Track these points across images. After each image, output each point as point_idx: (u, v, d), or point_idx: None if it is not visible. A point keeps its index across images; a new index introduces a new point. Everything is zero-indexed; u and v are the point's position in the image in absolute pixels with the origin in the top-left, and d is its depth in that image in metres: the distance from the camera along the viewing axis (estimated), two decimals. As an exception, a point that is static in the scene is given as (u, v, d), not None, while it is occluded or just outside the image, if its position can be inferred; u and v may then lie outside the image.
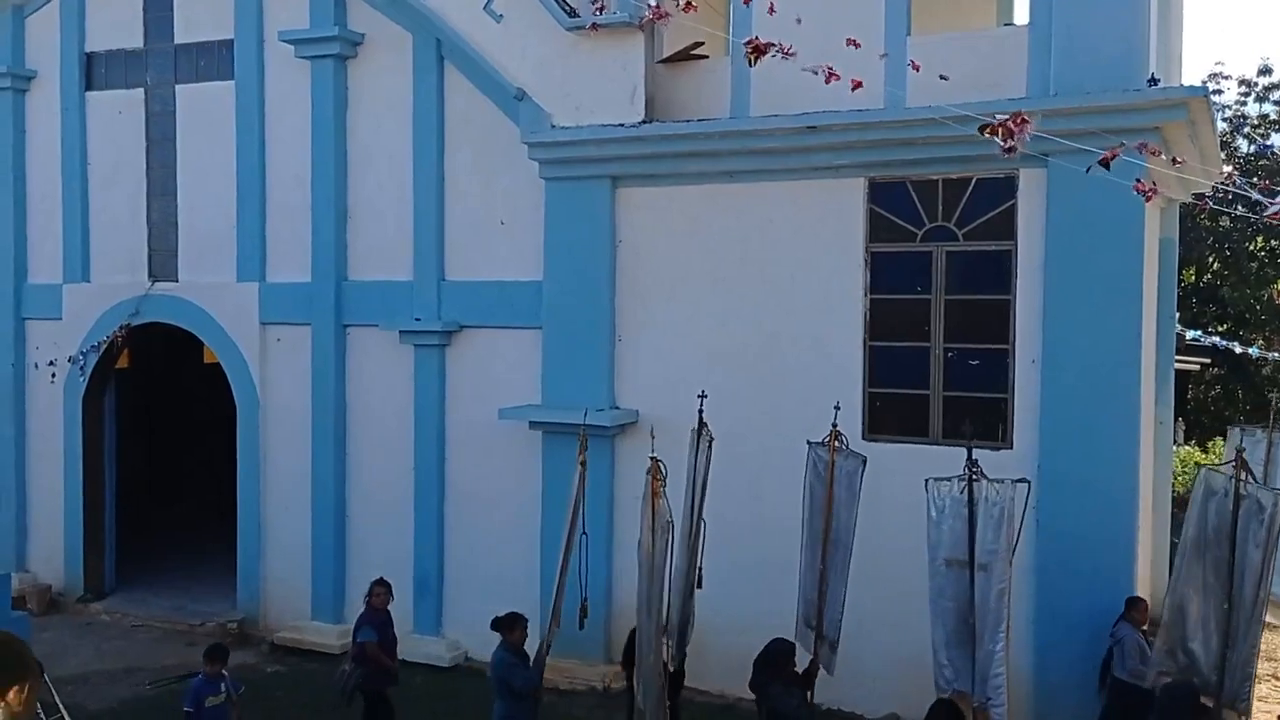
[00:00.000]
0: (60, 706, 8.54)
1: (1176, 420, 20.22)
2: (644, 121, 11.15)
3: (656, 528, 7.80)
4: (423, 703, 11.19)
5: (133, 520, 16.13)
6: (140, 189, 14.36)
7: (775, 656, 8.27)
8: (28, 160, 15.02)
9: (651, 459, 7.85)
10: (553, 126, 11.50)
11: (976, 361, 10.45)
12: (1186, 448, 23.79)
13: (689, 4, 7.26)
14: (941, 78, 8.57)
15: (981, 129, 5.56)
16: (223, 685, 8.75)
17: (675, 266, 11.43)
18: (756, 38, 5.99)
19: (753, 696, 8.91)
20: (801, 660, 8.79)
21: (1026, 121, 5.37)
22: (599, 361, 11.69)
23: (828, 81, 6.29)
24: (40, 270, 15.00)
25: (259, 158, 13.50)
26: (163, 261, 14.29)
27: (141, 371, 15.92)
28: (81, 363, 14.54)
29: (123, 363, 15.00)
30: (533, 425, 11.92)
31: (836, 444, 8.89)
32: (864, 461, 8.83)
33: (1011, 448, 10.23)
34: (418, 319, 12.60)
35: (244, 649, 13.05)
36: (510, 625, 8.76)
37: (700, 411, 9.28)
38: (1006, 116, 5.44)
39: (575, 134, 11.33)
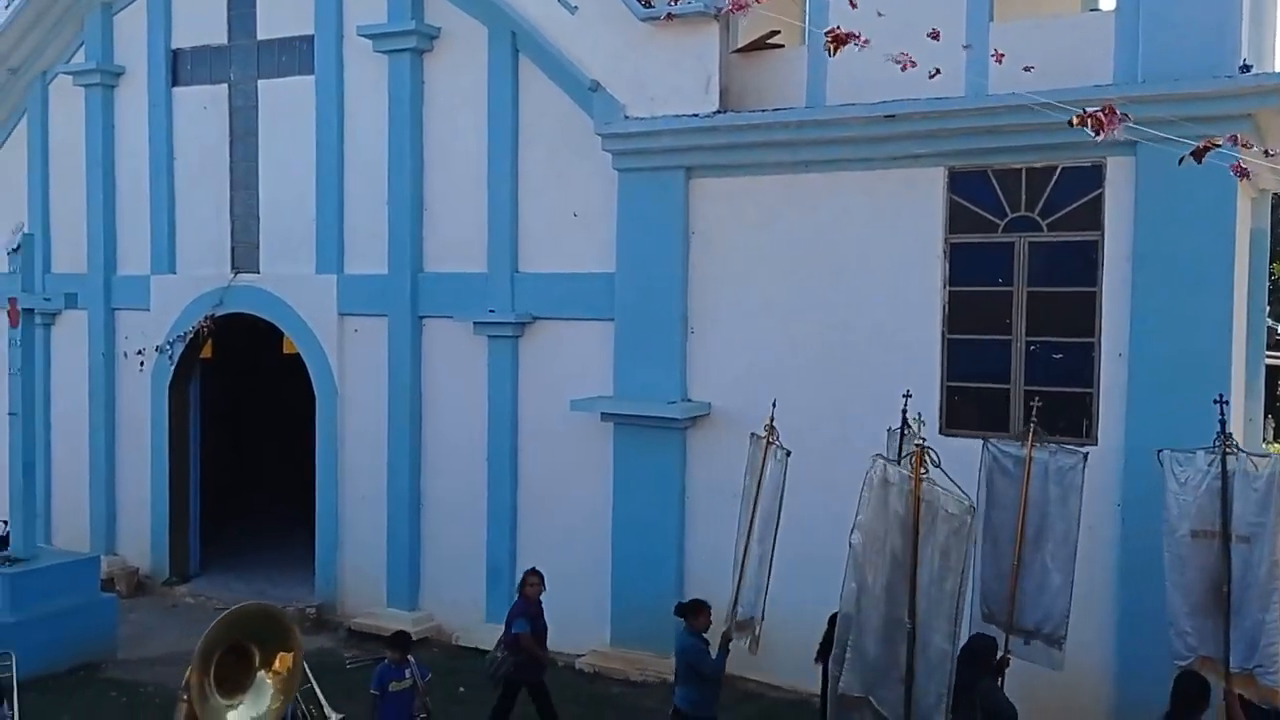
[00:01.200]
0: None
1: (1266, 417, 19.58)
2: (718, 112, 11.07)
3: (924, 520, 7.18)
4: (491, 690, 11.27)
5: (216, 506, 16.54)
6: (224, 182, 14.68)
7: (981, 653, 8.07)
8: (116, 155, 15.46)
9: (918, 446, 7.32)
10: (626, 118, 11.48)
11: (1060, 355, 10.20)
12: (1277, 444, 23.05)
13: (766, -8, 7.17)
14: (1026, 69, 8.37)
15: (1071, 121, 5.39)
16: (407, 671, 8.76)
17: (749, 258, 11.34)
18: (838, 27, 5.88)
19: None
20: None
21: (1118, 114, 5.18)
22: (671, 353, 11.65)
23: (904, 70, 6.15)
24: (129, 262, 15.43)
25: (337, 151, 13.71)
26: (245, 253, 14.60)
27: (224, 361, 16.28)
28: (169, 352, 14.93)
29: (206, 353, 15.36)
30: (604, 417, 11.94)
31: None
32: (1084, 458, 8.63)
33: (1096, 444, 9.97)
34: (491, 311, 12.69)
35: (321, 634, 13.33)
36: (696, 611, 8.71)
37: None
38: (1099, 107, 5.27)
39: (649, 125, 11.30)
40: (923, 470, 7.14)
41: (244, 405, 19.48)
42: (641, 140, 11.46)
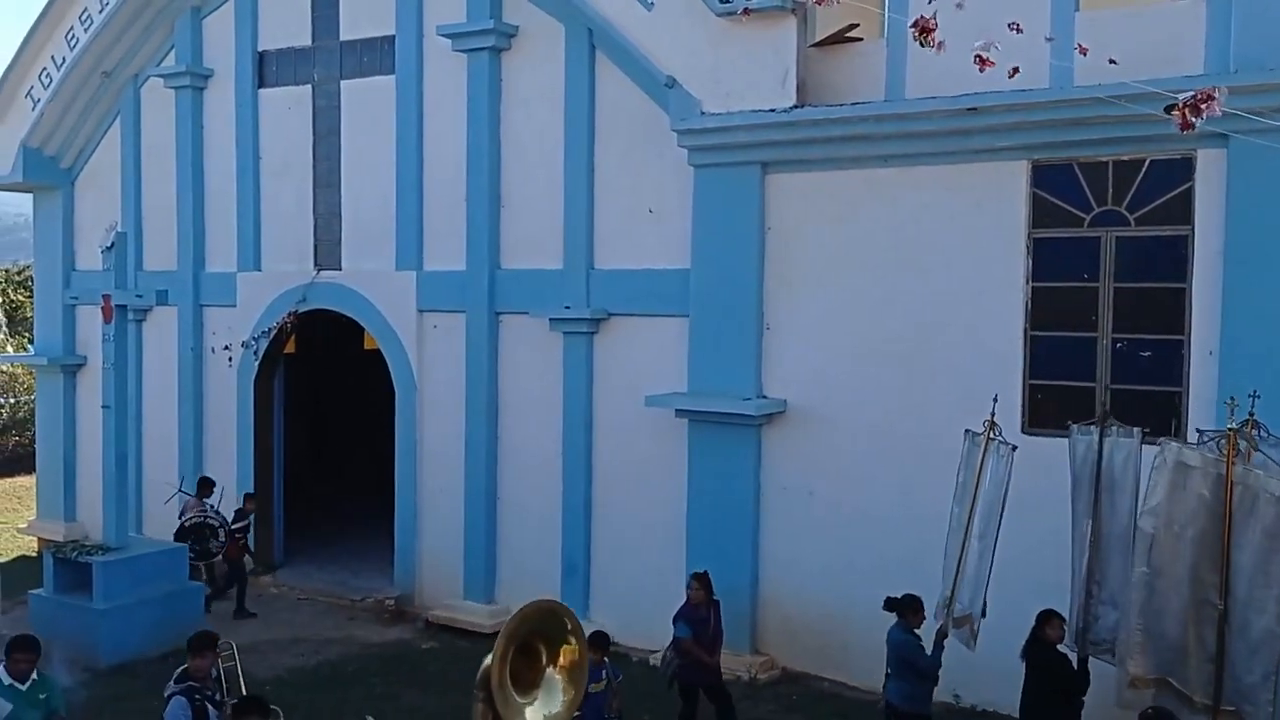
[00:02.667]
0: None
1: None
2: (796, 106, 10.97)
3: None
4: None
5: (299, 498, 16.91)
6: (307, 181, 15.00)
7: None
8: (205, 155, 15.89)
9: (1231, 430, 7.25)
10: (702, 113, 11.44)
11: (1148, 353, 9.92)
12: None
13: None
14: (1111, 61, 8.12)
15: (1168, 108, 5.21)
16: (603, 672, 8.71)
17: (826, 254, 11.23)
18: (924, 17, 5.77)
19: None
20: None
21: (1213, 98, 5.00)
22: (746, 350, 11.59)
23: (982, 70, 6.01)
24: (216, 259, 15.85)
25: (417, 149, 13.91)
26: (328, 250, 14.90)
27: (307, 356, 16.65)
28: (254, 347, 15.31)
29: (290, 347, 15.73)
30: (679, 413, 11.93)
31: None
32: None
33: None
34: (567, 307, 12.76)
35: (400, 625, 13.57)
36: (911, 607, 8.71)
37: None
38: (1193, 95, 5.09)
39: (725, 120, 11.25)
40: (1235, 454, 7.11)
41: (324, 399, 19.90)
42: (717, 136, 11.42)
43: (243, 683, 9.06)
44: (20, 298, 34.45)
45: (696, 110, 11.48)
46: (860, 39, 11.35)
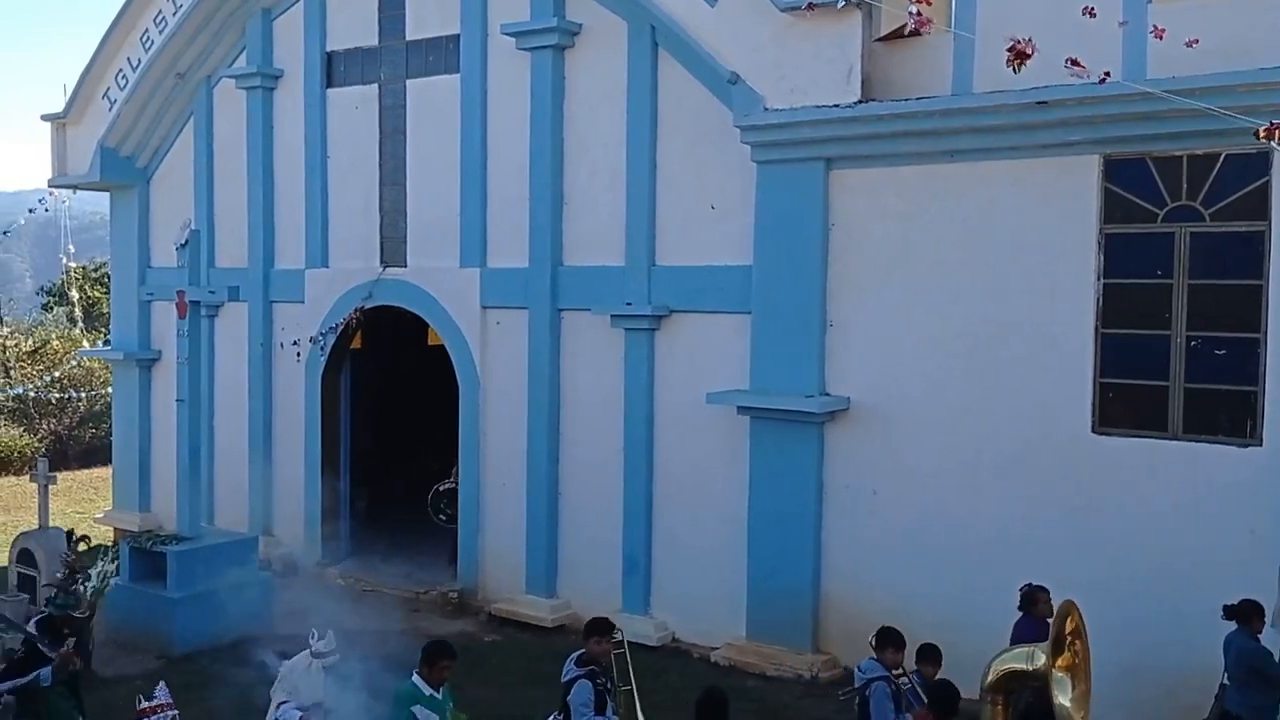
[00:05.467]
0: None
1: None
2: (860, 101, 10.89)
3: None
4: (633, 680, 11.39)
5: (362, 492, 17.15)
6: (374, 179, 15.22)
7: None
8: (275, 154, 16.19)
9: None
10: (766, 109, 11.40)
11: (1223, 351, 9.68)
12: None
13: (911, -22, 7.00)
14: (1189, 43, 7.94)
15: (1258, 134, 5.12)
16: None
17: (891, 250, 11.13)
18: (1018, 42, 5.68)
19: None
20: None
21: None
22: (809, 347, 11.53)
23: (1075, 75, 5.90)
24: (285, 256, 16.15)
25: (481, 148, 14.05)
26: (393, 248, 15.11)
27: (372, 352, 16.88)
28: (321, 343, 15.58)
29: (356, 343, 15.98)
30: (740, 410, 11.91)
31: None
32: None
33: (1261, 444, 9.45)
34: (628, 304, 12.80)
35: (463, 618, 13.73)
36: (1253, 614, 8.26)
37: None
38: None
39: (789, 116, 11.19)
40: None
41: (387, 394, 20.15)
42: (781, 132, 11.37)
43: (632, 672, 8.37)
44: (97, 294, 35.49)
45: (760, 106, 11.44)
46: (926, 33, 11.20)
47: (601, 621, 8.01)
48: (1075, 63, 6.61)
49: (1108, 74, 6.35)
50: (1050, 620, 7.99)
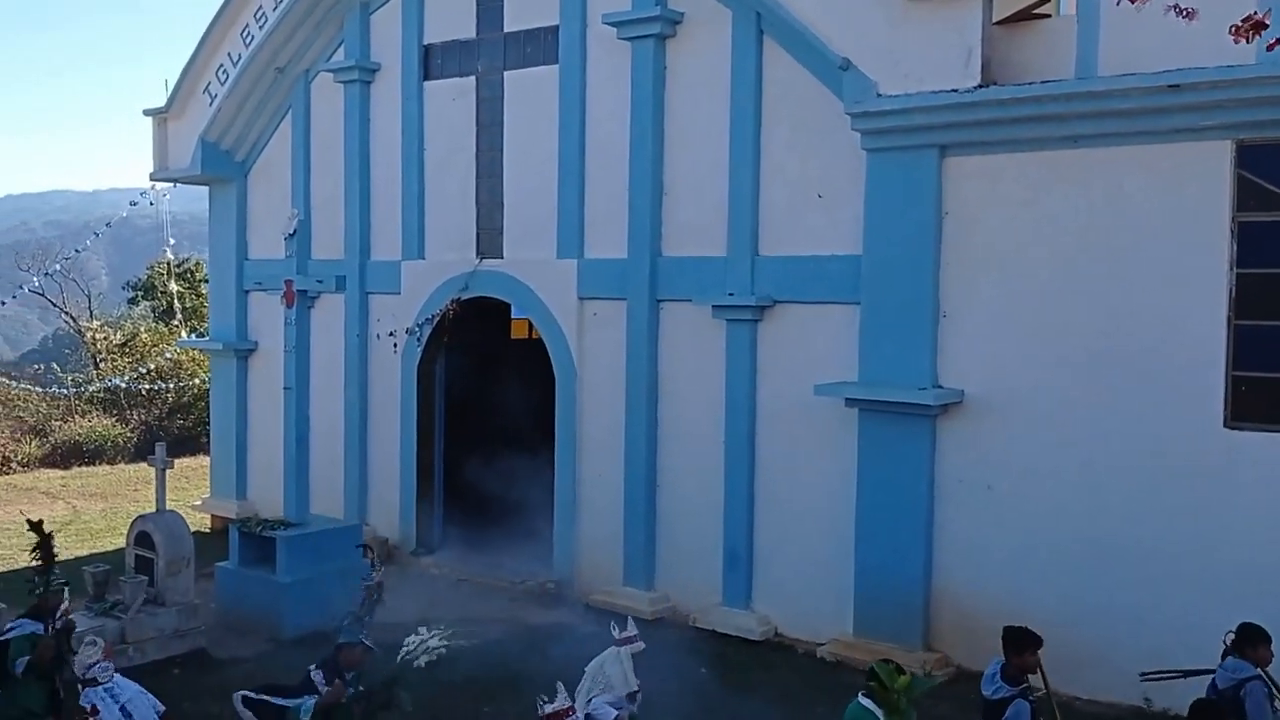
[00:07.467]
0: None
1: None
2: (979, 86, 10.63)
3: None
4: (738, 674, 11.29)
5: (455, 481, 17.22)
6: (470, 171, 15.27)
7: None
8: (372, 146, 16.31)
9: None
10: (879, 96, 11.19)
11: (1368, 342, 9.30)
12: None
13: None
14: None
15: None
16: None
17: (1008, 239, 10.87)
18: (1254, 13, 5.43)
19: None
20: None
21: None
22: (921, 338, 11.31)
23: (1237, 40, 5.61)
24: (382, 248, 16.27)
25: (579, 138, 14.01)
26: (489, 239, 15.14)
27: (460, 344, 16.92)
28: (418, 334, 15.67)
29: (449, 335, 16.02)
30: (849, 403, 11.72)
31: None
32: None
33: None
34: (731, 294, 12.66)
35: (560, 608, 13.71)
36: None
37: None
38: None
39: (904, 102, 10.97)
40: None
41: (479, 386, 20.23)
42: (895, 118, 11.15)
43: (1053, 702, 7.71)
44: (180, 288, 36.28)
45: (872, 93, 11.24)
46: (1048, 15, 10.95)
47: (1028, 633, 7.28)
48: (1238, 30, 6.31)
49: (1278, 40, 6.03)
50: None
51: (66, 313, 35.03)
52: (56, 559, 9.10)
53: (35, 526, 8.96)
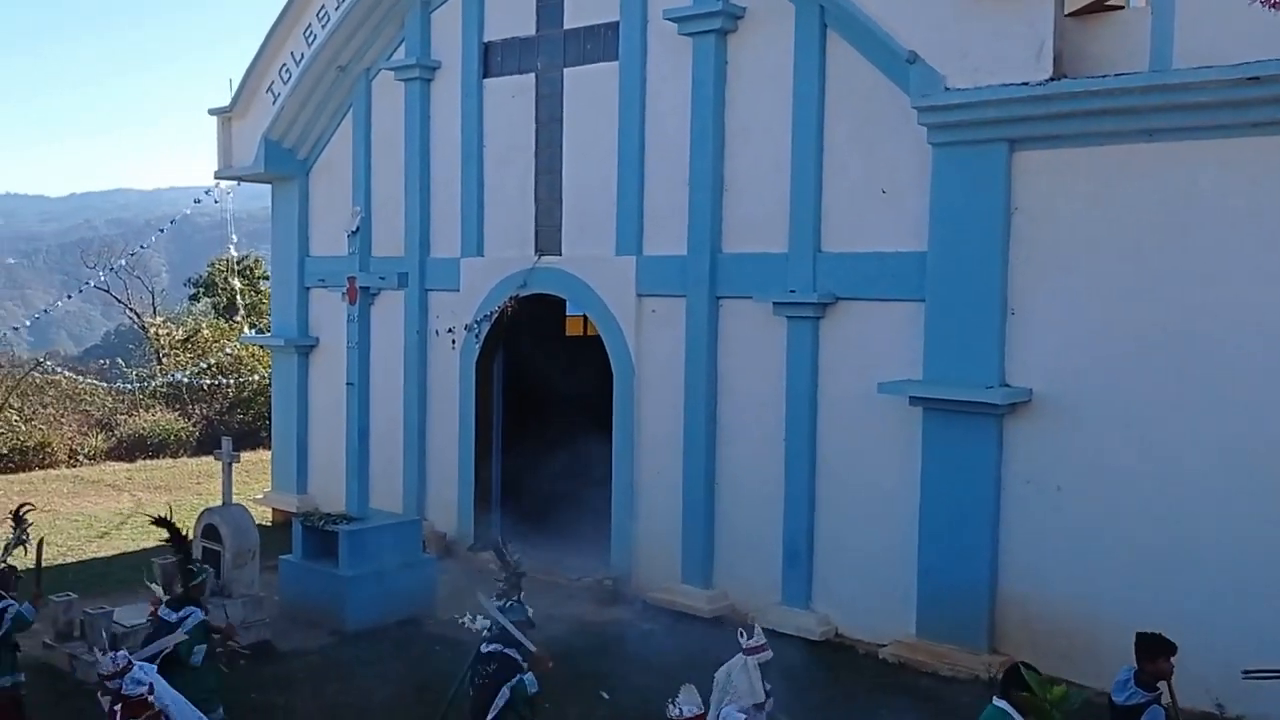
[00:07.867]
0: None
1: None
2: (1051, 79, 10.42)
3: None
4: (799, 674, 11.17)
5: (514, 478, 17.27)
6: (529, 168, 15.29)
7: None
8: (432, 144, 16.40)
9: None
10: (947, 89, 11.01)
11: None
12: None
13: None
14: None
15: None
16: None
17: (1079, 235, 10.64)
18: None
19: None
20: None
21: None
22: (988, 336, 11.12)
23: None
24: (441, 245, 16.36)
25: (639, 135, 13.96)
26: (548, 236, 15.16)
27: (515, 341, 16.96)
28: (476, 331, 15.74)
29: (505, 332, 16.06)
30: (913, 401, 11.56)
31: None
32: None
33: None
34: (792, 291, 12.55)
35: (618, 605, 13.69)
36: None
37: None
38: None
39: (973, 95, 10.79)
40: None
41: (535, 382, 20.28)
42: (963, 112, 10.97)
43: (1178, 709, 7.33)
44: (240, 284, 36.84)
45: (940, 86, 11.06)
46: (1122, 6, 10.71)
47: (1162, 640, 7.02)
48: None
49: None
50: None
51: (131, 308, 35.72)
52: (188, 543, 9.34)
53: (163, 522, 9.12)
